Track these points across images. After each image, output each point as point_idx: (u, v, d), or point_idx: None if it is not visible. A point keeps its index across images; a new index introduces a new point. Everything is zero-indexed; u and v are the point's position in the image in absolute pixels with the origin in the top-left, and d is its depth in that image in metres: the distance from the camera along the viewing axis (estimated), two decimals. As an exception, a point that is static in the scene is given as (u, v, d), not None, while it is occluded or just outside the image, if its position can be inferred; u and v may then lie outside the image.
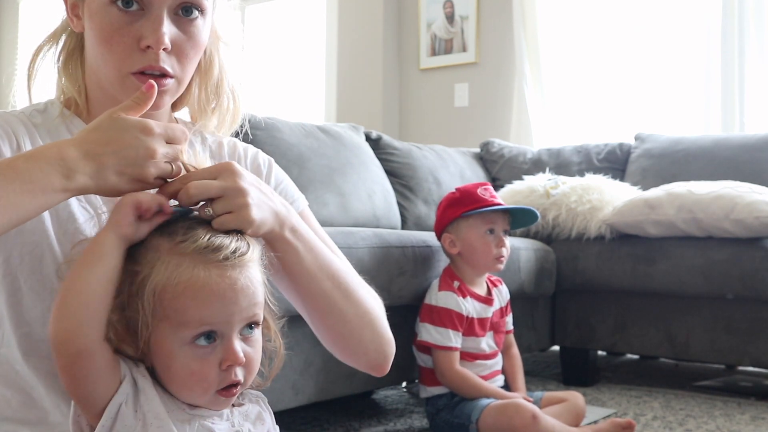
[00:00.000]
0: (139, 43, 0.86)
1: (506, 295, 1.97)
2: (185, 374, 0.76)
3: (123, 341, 0.77)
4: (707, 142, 2.85)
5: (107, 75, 0.90)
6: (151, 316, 0.75)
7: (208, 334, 0.76)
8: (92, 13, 0.88)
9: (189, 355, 0.76)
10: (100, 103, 0.94)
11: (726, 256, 2.21)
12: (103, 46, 0.88)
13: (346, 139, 2.45)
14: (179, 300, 0.74)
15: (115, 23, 0.86)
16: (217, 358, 0.76)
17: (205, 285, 0.74)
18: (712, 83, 3.42)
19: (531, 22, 3.85)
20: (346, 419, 1.97)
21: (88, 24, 0.90)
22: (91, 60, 0.93)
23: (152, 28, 0.86)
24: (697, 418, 2.02)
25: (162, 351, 0.76)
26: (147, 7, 0.86)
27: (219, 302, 0.75)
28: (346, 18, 4.36)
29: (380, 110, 4.27)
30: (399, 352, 1.86)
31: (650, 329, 2.38)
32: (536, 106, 3.84)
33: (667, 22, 3.58)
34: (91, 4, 0.88)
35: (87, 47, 0.93)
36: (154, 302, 0.75)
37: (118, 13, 0.86)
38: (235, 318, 0.76)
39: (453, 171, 2.88)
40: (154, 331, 0.76)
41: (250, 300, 0.77)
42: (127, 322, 0.77)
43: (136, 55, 0.87)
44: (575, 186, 2.58)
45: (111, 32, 0.86)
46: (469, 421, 1.72)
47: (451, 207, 1.88)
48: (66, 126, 0.94)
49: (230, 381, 0.77)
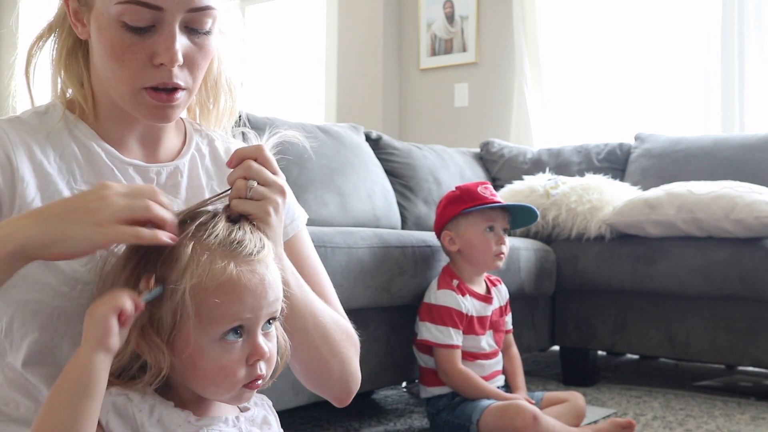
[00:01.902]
0: (151, 59, 0.85)
1: (505, 294, 1.97)
2: (214, 370, 0.76)
3: (140, 347, 0.77)
4: (707, 142, 2.85)
5: (118, 90, 0.87)
6: (180, 314, 0.75)
7: (237, 329, 0.77)
8: (100, 27, 0.85)
9: (218, 351, 0.76)
10: (108, 110, 0.93)
11: (726, 256, 2.21)
12: (113, 62, 0.85)
13: (346, 139, 2.45)
14: (213, 297, 0.75)
15: (126, 41, 0.84)
16: (244, 353, 0.77)
17: (238, 281, 0.76)
18: (712, 83, 3.43)
19: (531, 22, 3.85)
20: (346, 419, 1.97)
21: (96, 36, 0.86)
22: (100, 70, 0.89)
23: (165, 45, 0.84)
24: (697, 418, 2.02)
25: (188, 349, 0.76)
26: (158, 24, 0.84)
27: (251, 297, 0.76)
28: (346, 18, 4.36)
29: (380, 110, 4.27)
30: (399, 352, 1.87)
31: (650, 329, 2.38)
32: (536, 106, 3.84)
33: (667, 22, 3.58)
34: (99, 18, 0.85)
35: (95, 56, 0.90)
36: (185, 301, 0.74)
37: (129, 31, 0.84)
38: (263, 313, 0.78)
39: (453, 171, 2.88)
40: (180, 330, 0.76)
41: (276, 294, 0.80)
42: (150, 324, 0.76)
43: (149, 71, 0.85)
44: (575, 186, 2.58)
45: (122, 49, 0.84)
46: (469, 422, 1.72)
47: (451, 204, 1.88)
48: (69, 131, 0.91)
49: (255, 375, 0.78)
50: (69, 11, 0.89)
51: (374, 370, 1.81)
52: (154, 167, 0.95)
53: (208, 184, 0.99)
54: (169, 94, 0.86)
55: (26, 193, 0.85)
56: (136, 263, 0.78)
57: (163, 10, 0.83)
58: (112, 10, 0.83)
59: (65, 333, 0.86)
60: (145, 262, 0.78)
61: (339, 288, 1.62)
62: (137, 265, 0.78)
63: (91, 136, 0.92)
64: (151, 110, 0.87)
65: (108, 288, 0.78)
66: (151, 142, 0.96)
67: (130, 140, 0.94)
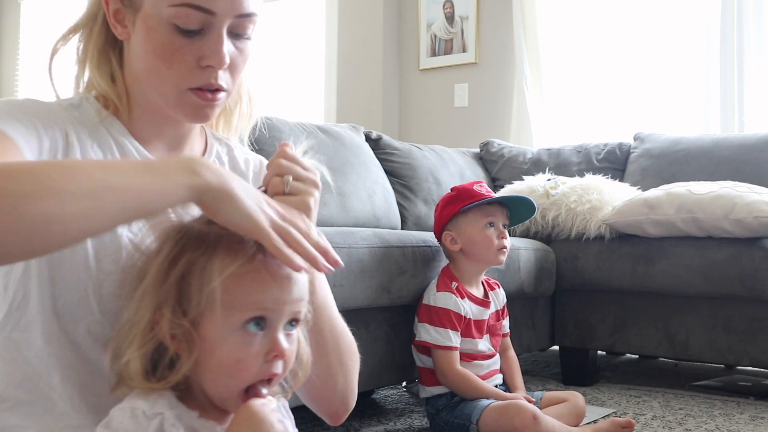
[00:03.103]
0: (199, 61, 0.88)
1: (503, 298, 1.98)
2: (230, 361, 0.76)
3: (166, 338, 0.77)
4: (706, 142, 2.85)
5: (162, 89, 0.90)
6: (205, 300, 0.76)
7: (258, 320, 0.77)
8: (149, 29, 0.87)
9: (237, 341, 0.76)
10: (142, 109, 0.94)
11: (725, 256, 2.22)
12: (161, 63, 0.88)
13: (346, 139, 2.45)
14: (239, 282, 0.76)
15: (176, 43, 0.87)
16: (263, 348, 0.77)
17: (265, 269, 0.77)
18: (711, 83, 3.43)
19: (531, 22, 3.85)
20: (346, 419, 1.97)
21: (143, 37, 0.88)
22: (140, 70, 0.91)
23: (214, 48, 0.87)
24: (697, 417, 2.03)
25: (208, 337, 0.77)
26: (207, 27, 0.87)
27: (276, 288, 0.78)
28: (346, 18, 4.36)
29: (380, 110, 4.27)
30: (399, 352, 1.88)
31: (650, 329, 2.38)
32: (536, 106, 3.85)
33: (667, 22, 3.58)
34: (148, 20, 0.87)
35: (136, 56, 0.91)
36: (214, 284, 0.75)
37: (179, 34, 0.86)
38: (286, 308, 0.78)
39: (453, 171, 2.89)
40: (202, 318, 0.77)
41: (300, 293, 0.80)
42: (178, 305, 0.77)
43: (195, 72, 0.88)
44: (575, 186, 2.58)
45: (172, 51, 0.87)
46: (469, 422, 1.72)
47: (449, 205, 1.89)
48: (105, 128, 0.92)
49: (271, 373, 0.78)
50: (108, 12, 0.91)
51: (374, 370, 1.81)
52: (133, 159, 0.95)
53: None
54: (213, 93, 0.90)
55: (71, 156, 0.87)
56: (172, 247, 0.79)
57: (215, 15, 0.86)
58: (164, 12, 0.85)
59: (81, 320, 0.86)
60: (180, 247, 0.79)
61: (339, 288, 1.63)
62: (172, 249, 0.79)
63: (123, 132, 0.93)
64: (194, 109, 0.90)
65: (140, 276, 0.80)
66: (176, 144, 0.98)
67: (158, 140, 0.96)
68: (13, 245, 0.65)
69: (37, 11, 5.71)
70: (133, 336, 0.78)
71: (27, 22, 5.77)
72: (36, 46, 5.68)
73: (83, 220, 0.68)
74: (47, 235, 0.66)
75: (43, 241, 0.67)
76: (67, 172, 0.69)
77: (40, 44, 5.62)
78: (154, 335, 0.78)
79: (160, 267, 0.79)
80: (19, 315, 0.85)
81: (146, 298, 0.79)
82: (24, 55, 5.78)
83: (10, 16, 5.84)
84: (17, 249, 0.66)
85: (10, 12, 5.84)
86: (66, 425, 0.85)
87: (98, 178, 0.69)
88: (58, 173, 0.68)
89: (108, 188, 0.69)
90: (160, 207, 0.74)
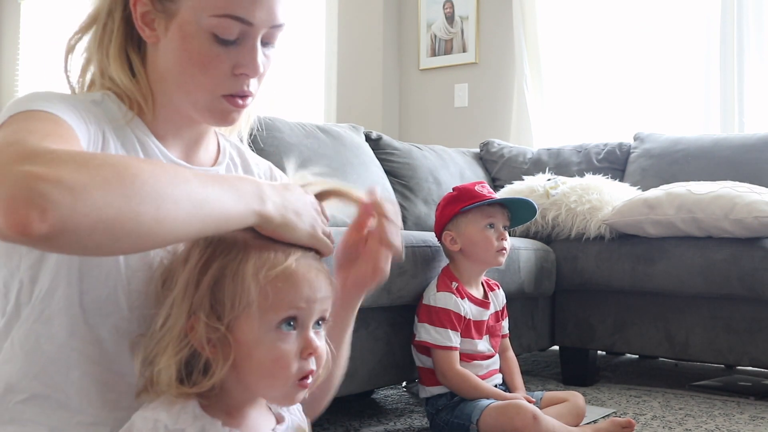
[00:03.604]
0: (233, 69, 0.91)
1: (502, 299, 1.98)
2: (269, 361, 0.79)
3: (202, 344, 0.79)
4: (706, 142, 2.85)
5: (194, 94, 0.92)
6: (240, 300, 0.78)
7: (291, 320, 0.80)
8: (186, 35, 0.89)
9: (273, 341, 0.79)
10: (165, 109, 0.96)
11: (725, 256, 2.22)
12: (196, 69, 0.90)
13: (346, 139, 2.45)
14: (273, 283, 0.79)
15: (213, 51, 0.89)
16: (297, 347, 0.80)
17: (297, 270, 0.80)
18: (711, 83, 3.43)
19: (531, 22, 3.85)
20: (346, 419, 1.97)
21: (177, 43, 0.90)
22: (169, 74, 0.93)
23: (249, 57, 0.91)
24: (697, 417, 2.03)
25: (244, 339, 0.78)
26: (243, 37, 0.90)
27: (308, 288, 0.81)
28: (346, 18, 4.36)
29: (380, 110, 4.27)
30: (399, 351, 1.88)
31: (650, 329, 2.38)
32: (536, 106, 3.85)
33: (667, 22, 3.58)
34: (186, 27, 0.89)
35: (163, 59, 0.93)
36: (248, 286, 0.78)
37: (217, 43, 0.89)
38: (316, 307, 0.82)
39: (453, 171, 2.89)
40: (237, 322, 0.78)
41: (328, 291, 0.84)
42: (212, 311, 0.79)
43: (229, 80, 0.91)
44: (575, 186, 2.58)
45: (209, 59, 0.90)
46: (469, 422, 1.72)
47: (449, 205, 1.89)
48: (131, 129, 0.93)
49: (307, 371, 0.80)
50: (136, 14, 0.92)
51: (374, 370, 1.81)
52: (198, 170, 0.97)
53: None
54: (243, 99, 0.93)
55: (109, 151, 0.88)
56: (201, 254, 0.81)
57: (252, 26, 0.90)
58: (204, 22, 0.88)
59: (108, 315, 0.86)
60: (209, 253, 0.81)
61: (339, 288, 1.63)
62: (202, 255, 0.81)
63: (145, 131, 0.94)
64: (223, 114, 0.93)
65: (165, 279, 0.83)
66: (193, 144, 1.00)
67: (176, 139, 0.98)
68: (117, 240, 0.67)
69: (37, 11, 5.71)
70: (166, 343, 0.79)
71: (27, 22, 5.77)
72: (36, 46, 5.68)
73: (183, 227, 0.71)
74: (150, 238, 0.69)
75: (144, 242, 0.70)
76: (178, 180, 0.71)
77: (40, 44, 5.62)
78: (189, 342, 0.79)
79: (191, 274, 0.80)
80: (43, 307, 0.85)
81: (179, 304, 0.80)
82: (24, 55, 5.78)
83: (10, 16, 5.84)
84: (118, 245, 0.68)
85: (10, 12, 5.84)
86: (79, 422, 0.85)
87: (196, 189, 0.73)
88: (173, 181, 0.70)
89: (204, 200, 0.73)
90: (233, 226, 0.78)
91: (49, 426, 0.84)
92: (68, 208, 0.62)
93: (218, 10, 0.87)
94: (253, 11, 0.89)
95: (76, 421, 0.85)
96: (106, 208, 0.65)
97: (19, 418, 0.84)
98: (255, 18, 0.89)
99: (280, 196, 0.83)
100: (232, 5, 0.88)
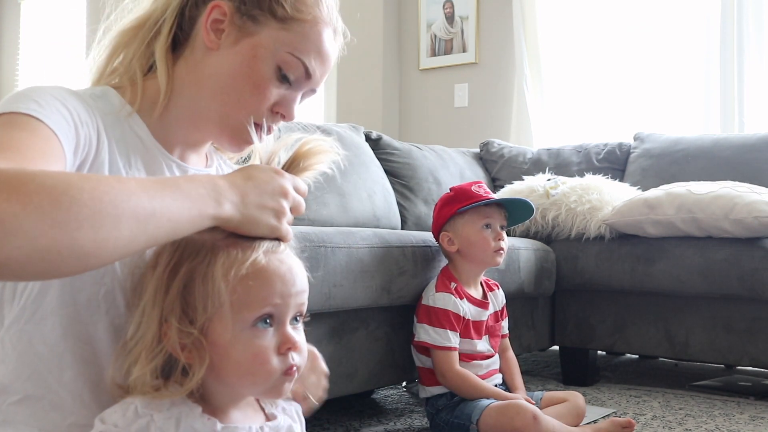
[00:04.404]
0: (274, 105, 0.96)
1: (502, 299, 1.98)
2: (247, 358, 0.78)
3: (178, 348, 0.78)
4: (706, 142, 2.85)
5: (231, 110, 0.94)
6: (212, 302, 0.77)
7: (266, 318, 0.79)
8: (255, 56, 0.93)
9: (249, 339, 0.78)
10: (179, 112, 0.96)
11: (725, 256, 2.22)
12: (249, 88, 0.93)
13: (346, 139, 2.45)
14: (244, 282, 0.77)
15: (271, 81, 0.94)
16: (275, 343, 0.79)
17: (267, 267, 0.79)
18: (711, 83, 3.43)
19: (531, 22, 3.85)
20: (346, 419, 1.97)
21: (242, 58, 0.93)
22: (215, 82, 0.94)
23: (290, 102, 0.97)
24: (697, 417, 2.03)
25: (220, 341, 0.78)
26: (296, 85, 0.97)
27: (281, 283, 0.79)
28: (346, 18, 4.34)
29: (380, 110, 4.27)
30: (399, 352, 1.88)
31: (649, 329, 2.38)
32: (536, 106, 3.85)
33: (667, 22, 3.58)
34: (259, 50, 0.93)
35: (213, 67, 0.94)
36: (218, 287, 0.77)
37: (276, 76, 0.94)
38: (291, 301, 0.80)
39: (453, 171, 2.89)
40: (212, 321, 0.78)
41: (303, 285, 0.83)
42: (184, 315, 0.78)
43: (267, 112, 0.95)
44: (575, 186, 2.58)
45: (265, 85, 0.94)
46: (469, 422, 1.72)
47: (446, 205, 1.89)
48: (128, 123, 0.93)
49: (288, 365, 0.79)
50: (207, 18, 0.94)
51: (374, 370, 1.81)
52: (191, 169, 0.98)
53: None
54: (266, 132, 0.97)
55: (100, 155, 0.88)
56: (169, 259, 0.80)
57: (310, 79, 0.97)
58: (280, 54, 0.94)
59: (105, 313, 0.86)
60: (177, 257, 0.80)
61: (339, 288, 1.63)
62: (170, 260, 0.80)
63: (143, 129, 0.94)
64: (240, 140, 0.97)
65: (135, 288, 0.83)
66: (189, 150, 1.00)
67: (175, 141, 0.97)
68: (57, 267, 0.66)
69: (37, 11, 5.71)
70: (138, 352, 0.79)
71: (27, 22, 5.77)
72: (36, 45, 5.68)
73: (127, 245, 0.70)
74: (92, 260, 0.68)
75: (86, 264, 0.68)
76: (120, 198, 0.69)
77: (40, 44, 5.63)
78: (163, 348, 0.78)
79: (160, 280, 0.79)
80: (35, 308, 0.85)
81: (149, 312, 0.79)
82: (24, 55, 5.78)
83: (10, 16, 5.84)
84: (58, 271, 0.67)
85: (10, 12, 5.84)
86: (72, 423, 0.85)
87: (142, 204, 0.70)
88: (114, 200, 0.68)
89: (150, 215, 0.71)
90: (186, 233, 0.77)
91: (43, 428, 0.84)
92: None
93: (296, 51, 0.94)
94: (317, 67, 0.97)
95: (68, 422, 0.85)
96: (40, 237, 0.63)
97: (12, 419, 0.84)
98: (315, 74, 0.97)
99: (239, 191, 0.81)
100: (307, 53, 0.95)
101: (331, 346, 1.68)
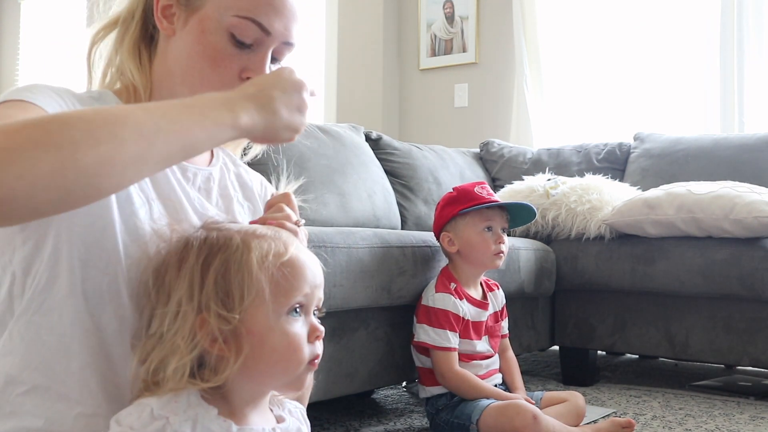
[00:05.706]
0: (241, 72, 0.93)
1: (502, 300, 1.98)
2: (283, 345, 0.80)
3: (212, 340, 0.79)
4: (706, 142, 2.85)
5: (198, 90, 0.92)
6: (249, 291, 0.78)
7: (298, 307, 0.82)
8: (204, 31, 0.92)
9: (285, 326, 0.80)
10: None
11: (725, 256, 2.22)
12: (207, 64, 0.92)
13: (346, 139, 2.45)
14: (281, 270, 0.80)
15: (227, 50, 0.92)
16: (305, 331, 0.82)
17: (299, 257, 0.83)
18: (711, 83, 3.43)
19: (531, 22, 3.85)
20: (346, 419, 1.97)
21: (194, 37, 0.92)
22: (178, 67, 0.94)
23: (259, 64, 0.94)
24: (697, 417, 2.03)
25: (256, 328, 0.79)
26: (257, 45, 0.93)
27: (310, 273, 0.83)
28: (346, 18, 4.36)
29: (380, 110, 4.27)
30: (399, 351, 1.88)
31: (650, 329, 2.38)
32: (536, 106, 3.85)
33: (667, 22, 3.58)
34: (206, 22, 0.92)
35: (175, 53, 0.94)
36: (256, 277, 0.79)
37: (232, 43, 0.92)
38: (317, 293, 0.84)
39: (453, 171, 2.89)
40: (248, 312, 0.79)
41: (322, 278, 0.86)
42: (223, 305, 0.79)
43: (235, 82, 0.93)
44: (575, 186, 2.58)
45: (221, 57, 0.92)
46: (469, 422, 1.72)
47: (448, 206, 1.89)
48: None
49: (316, 353, 0.83)
50: (157, 5, 0.94)
51: (374, 370, 1.81)
52: (192, 167, 0.98)
53: (234, 195, 1.04)
54: None
55: None
56: (198, 252, 0.81)
57: (269, 36, 0.93)
58: (226, 20, 0.91)
59: (109, 303, 0.86)
60: (207, 251, 0.81)
61: (339, 288, 1.63)
62: (200, 253, 0.81)
63: None
64: None
65: (160, 276, 0.83)
66: None
67: None
68: (68, 192, 0.66)
69: (37, 11, 5.71)
70: (177, 343, 0.79)
71: (27, 22, 5.77)
72: (36, 45, 5.68)
73: (137, 162, 0.70)
74: (101, 180, 0.68)
75: (97, 185, 0.68)
76: (116, 117, 0.70)
77: (40, 44, 5.62)
78: (198, 341, 0.79)
79: (194, 272, 0.80)
80: (43, 298, 0.85)
81: (186, 303, 0.79)
82: (24, 55, 5.78)
83: (10, 16, 5.84)
84: (72, 196, 0.67)
85: (10, 12, 5.84)
86: (79, 413, 0.84)
87: (147, 122, 0.71)
88: (108, 118, 0.69)
89: (155, 131, 0.71)
90: (210, 147, 0.78)
91: (49, 418, 0.84)
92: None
93: (242, 12, 0.91)
94: (273, 21, 0.92)
95: (75, 412, 0.85)
96: (38, 163, 0.63)
97: (19, 410, 0.84)
98: (273, 28, 0.93)
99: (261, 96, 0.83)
100: (255, 10, 0.91)
101: (331, 346, 1.68)
